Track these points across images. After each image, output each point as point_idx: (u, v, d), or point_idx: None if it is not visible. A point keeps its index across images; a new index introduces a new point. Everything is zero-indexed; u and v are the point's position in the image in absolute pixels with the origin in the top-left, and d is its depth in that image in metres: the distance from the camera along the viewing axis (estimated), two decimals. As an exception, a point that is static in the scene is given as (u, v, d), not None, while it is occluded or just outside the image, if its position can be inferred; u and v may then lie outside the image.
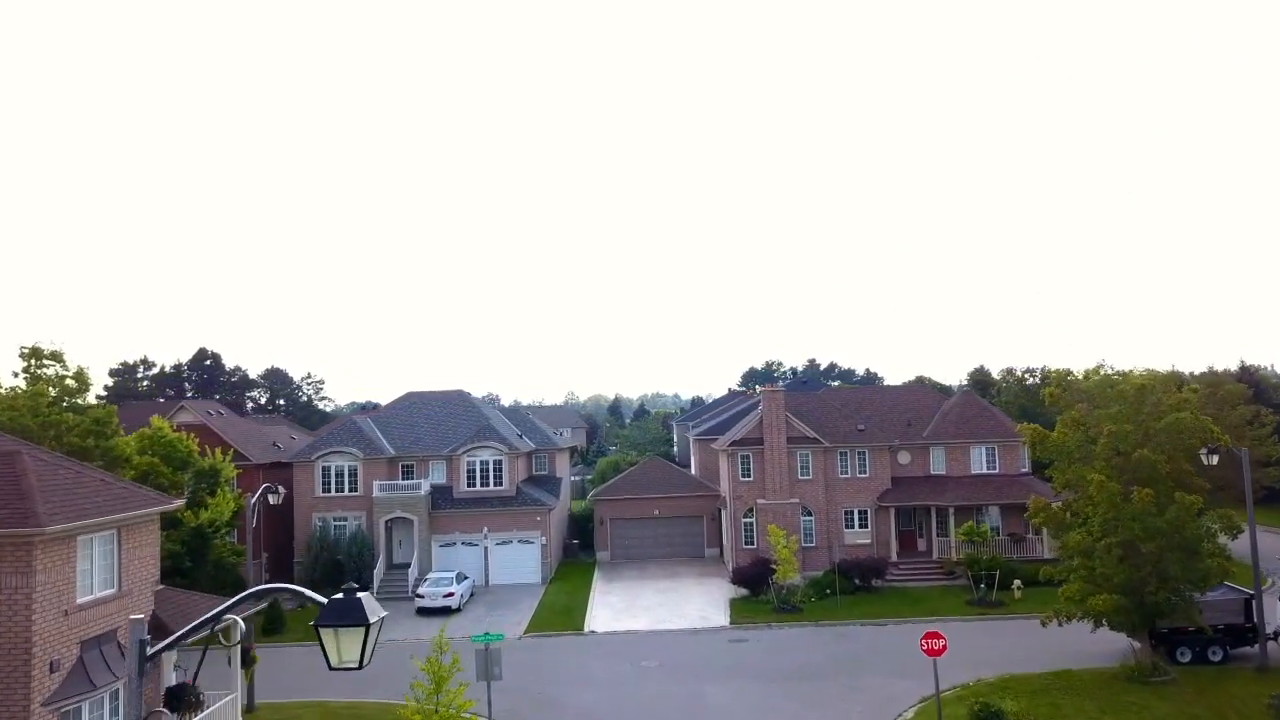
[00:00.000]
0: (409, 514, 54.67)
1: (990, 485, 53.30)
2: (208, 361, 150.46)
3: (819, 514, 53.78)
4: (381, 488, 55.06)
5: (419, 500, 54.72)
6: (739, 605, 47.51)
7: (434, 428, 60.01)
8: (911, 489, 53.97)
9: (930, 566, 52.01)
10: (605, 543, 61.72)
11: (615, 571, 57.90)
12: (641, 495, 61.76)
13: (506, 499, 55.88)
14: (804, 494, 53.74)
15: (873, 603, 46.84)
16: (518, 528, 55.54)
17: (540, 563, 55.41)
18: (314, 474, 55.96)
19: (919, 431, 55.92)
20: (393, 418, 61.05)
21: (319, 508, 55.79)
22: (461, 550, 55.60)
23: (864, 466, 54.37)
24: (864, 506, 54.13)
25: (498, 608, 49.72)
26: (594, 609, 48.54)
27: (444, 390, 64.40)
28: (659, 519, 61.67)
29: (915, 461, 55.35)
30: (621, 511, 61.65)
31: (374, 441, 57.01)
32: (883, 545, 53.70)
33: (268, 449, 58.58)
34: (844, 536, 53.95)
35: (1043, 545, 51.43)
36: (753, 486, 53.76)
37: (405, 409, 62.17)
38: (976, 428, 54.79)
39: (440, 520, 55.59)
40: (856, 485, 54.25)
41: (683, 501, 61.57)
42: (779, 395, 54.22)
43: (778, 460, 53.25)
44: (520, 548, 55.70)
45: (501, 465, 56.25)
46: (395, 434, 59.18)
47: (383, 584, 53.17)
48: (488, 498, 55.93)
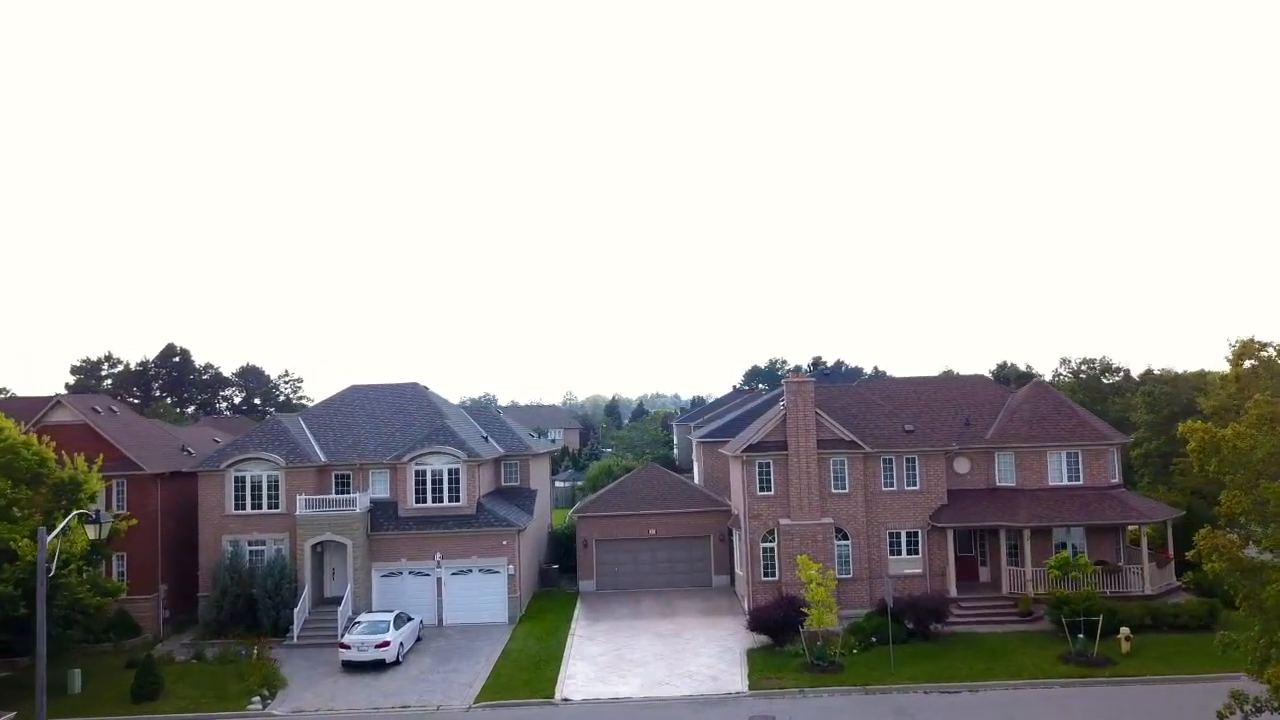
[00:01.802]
0: (342, 536, 43.51)
1: (1073, 500, 42.12)
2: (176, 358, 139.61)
3: (857, 537, 42.64)
4: (308, 503, 43.90)
5: (354, 519, 43.56)
6: (759, 659, 36.40)
7: (378, 429, 48.85)
8: (973, 505, 42.82)
9: (1000, 604, 40.85)
10: (590, 569, 50.54)
11: (602, 607, 46.76)
12: (635, 511, 50.61)
13: (464, 518, 44.72)
14: (839, 512, 42.60)
15: (934, 656, 35.71)
16: (479, 553, 44.40)
17: (506, 597, 44.25)
18: (224, 486, 44.81)
19: (980, 433, 44.77)
20: (328, 417, 49.90)
21: (230, 528, 44.63)
22: (409, 582, 44.45)
23: (913, 477, 43.23)
24: (913, 527, 42.98)
25: (449, 658, 38.63)
26: (571, 662, 37.44)
27: (393, 383, 53.24)
28: (656, 540, 50.50)
29: (976, 470, 44.19)
30: (610, 530, 50.50)
31: (300, 446, 45.82)
32: (937, 575, 42.57)
33: (171, 455, 47.41)
34: (888, 565, 42.80)
35: (1142, 578, 40.34)
36: (774, 502, 42.61)
37: (344, 406, 51.02)
38: (1054, 428, 43.61)
39: (382, 544, 44.45)
40: (904, 501, 43.10)
41: (685, 519, 50.42)
42: (807, 387, 43.04)
43: (806, 469, 42.12)
44: (482, 579, 44.53)
45: (458, 475, 45.07)
46: (330, 436, 48.04)
47: (307, 626, 42.04)
48: (441, 516, 44.78)
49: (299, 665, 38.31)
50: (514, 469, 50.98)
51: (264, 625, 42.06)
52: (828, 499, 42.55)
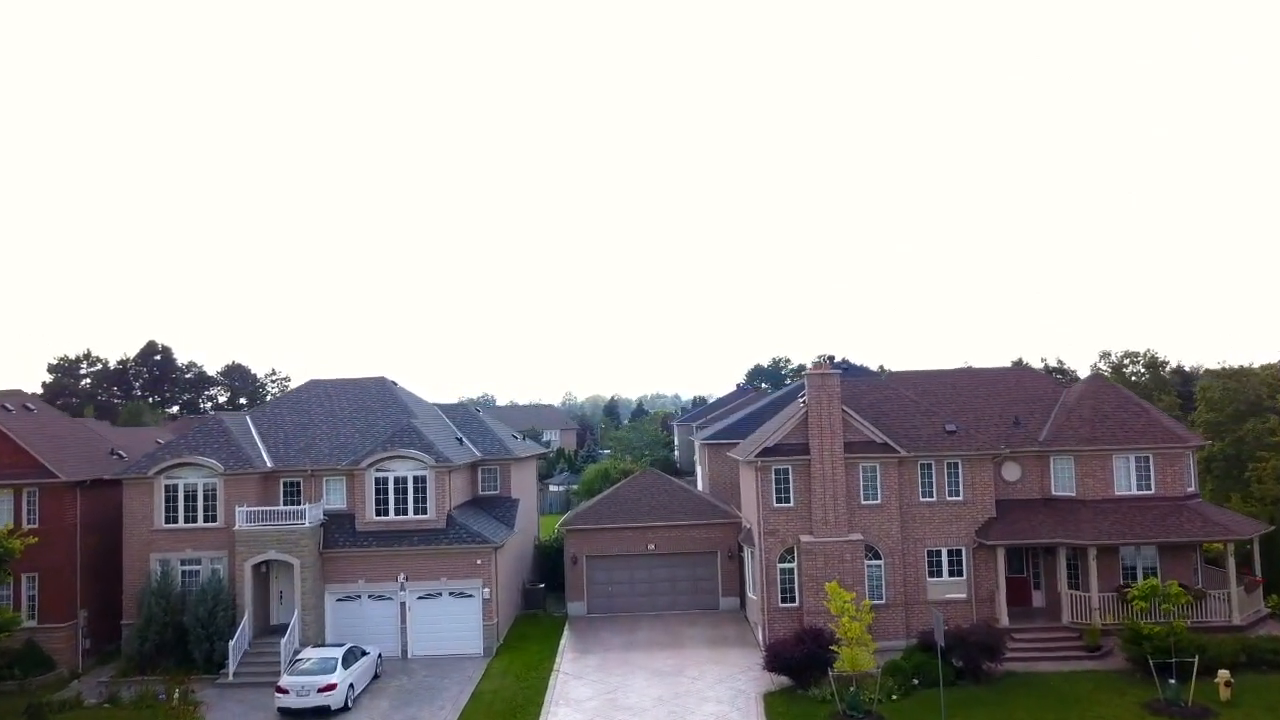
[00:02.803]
0: (288, 554, 37.23)
1: (1145, 513, 35.81)
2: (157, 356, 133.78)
3: (891, 556, 36.37)
4: (249, 516, 37.64)
5: (303, 534, 37.28)
6: (779, 706, 30.14)
7: (336, 429, 42.55)
8: (1026, 518, 36.54)
9: (1062, 637, 34.60)
10: (580, 589, 44.24)
11: (592, 635, 40.49)
12: (631, 523, 44.31)
13: (433, 532, 38.47)
14: (869, 527, 36.34)
15: (991, 703, 29.44)
16: (449, 573, 38.14)
17: (481, 624, 37.99)
18: (153, 496, 38.55)
19: (1032, 434, 38.47)
20: (280, 416, 43.59)
21: (159, 545, 38.37)
22: (368, 607, 38.21)
23: (956, 485, 36.96)
24: (956, 544, 36.71)
25: (410, 701, 32.43)
26: (553, 708, 31.20)
27: (357, 378, 46.93)
28: (655, 557, 44.21)
29: (1028, 477, 37.91)
30: (603, 545, 44.21)
31: (243, 449, 39.50)
32: (984, 601, 36.31)
33: (97, 460, 41.12)
34: (927, 588, 36.55)
35: (1229, 605, 34.15)
36: (794, 516, 36.35)
37: (298, 403, 44.73)
38: (1120, 428, 37.29)
39: (337, 563, 38.19)
40: (945, 513, 36.82)
41: (688, 532, 44.14)
42: (832, 381, 36.77)
43: (831, 477, 35.87)
44: (453, 603, 38.27)
45: (426, 483, 38.80)
46: (280, 438, 41.74)
47: (246, 660, 35.77)
48: (405, 530, 38.53)
49: (231, 710, 32.12)
50: (493, 475, 44.66)
51: (196, 659, 35.92)
52: (856, 512, 36.29)
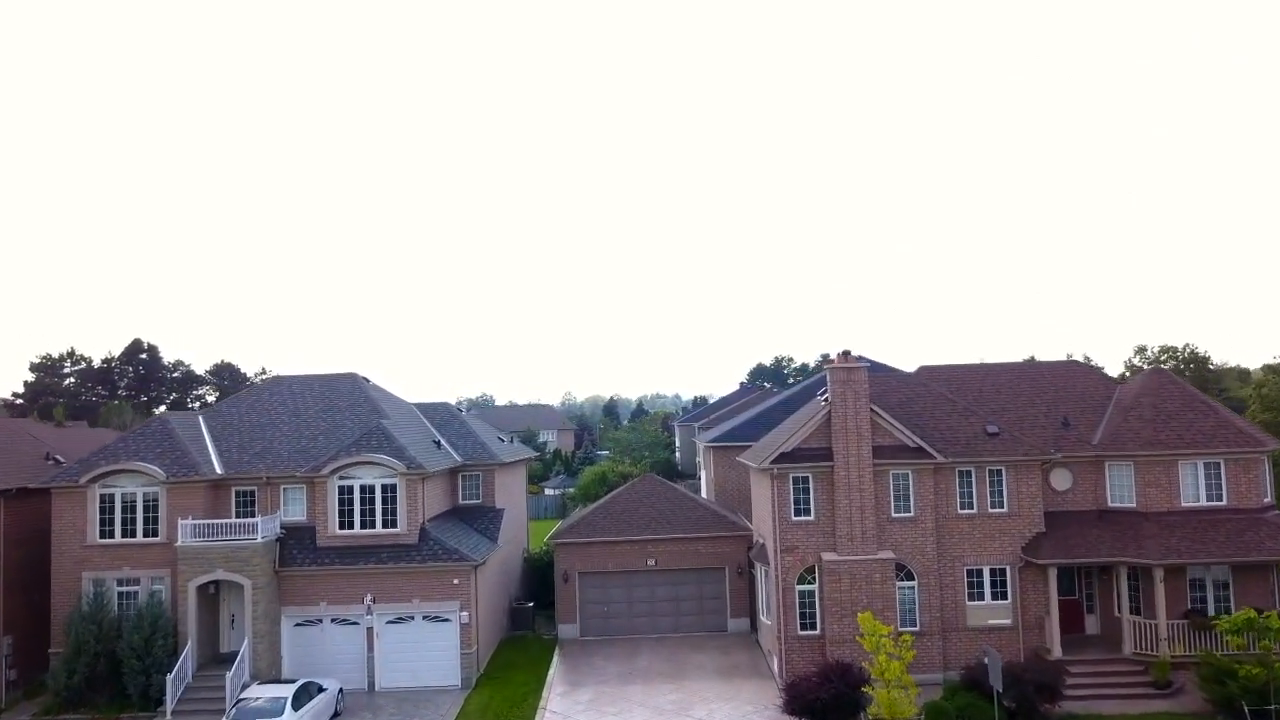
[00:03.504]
0: (238, 574, 32.65)
1: (1216, 528, 31.21)
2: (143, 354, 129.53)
3: (926, 576, 31.81)
4: (194, 530, 33.08)
5: (254, 551, 32.70)
6: (802, 759, 25.61)
7: (298, 431, 37.97)
8: (1080, 533, 31.97)
9: (1125, 671, 30.04)
10: (572, 610, 39.65)
11: (586, 662, 35.92)
12: (629, 536, 39.73)
13: (404, 548, 33.90)
14: (901, 543, 31.78)
15: (1053, 757, 24.90)
16: (422, 595, 33.61)
17: (459, 653, 33.45)
18: (86, 507, 34.00)
19: (1085, 436, 33.90)
20: (236, 416, 38.99)
21: (93, 563, 33.83)
22: (330, 633, 33.70)
23: (999, 495, 32.40)
24: (1000, 563, 32.14)
25: (372, 747, 27.89)
26: (537, 758, 26.66)
27: (325, 374, 42.33)
28: (656, 573, 39.63)
29: (1080, 485, 33.34)
30: (598, 561, 39.64)
31: (188, 454, 34.91)
32: (1032, 628, 31.75)
33: (28, 466, 36.52)
34: (966, 613, 31.99)
35: (1318, 633, 29.54)
36: (815, 530, 31.78)
37: (258, 402, 40.14)
38: (1187, 429, 32.71)
39: (294, 583, 33.66)
40: (988, 527, 32.26)
41: (693, 546, 39.56)
42: (859, 375, 32.22)
43: (858, 486, 31.33)
44: (427, 629, 33.74)
45: (395, 493, 34.24)
46: (234, 441, 37.16)
47: (189, 694, 31.21)
48: (373, 546, 33.97)
49: (163, 758, 27.61)
50: (475, 482, 40.07)
51: (131, 694, 31.42)
52: (887, 526, 31.73)
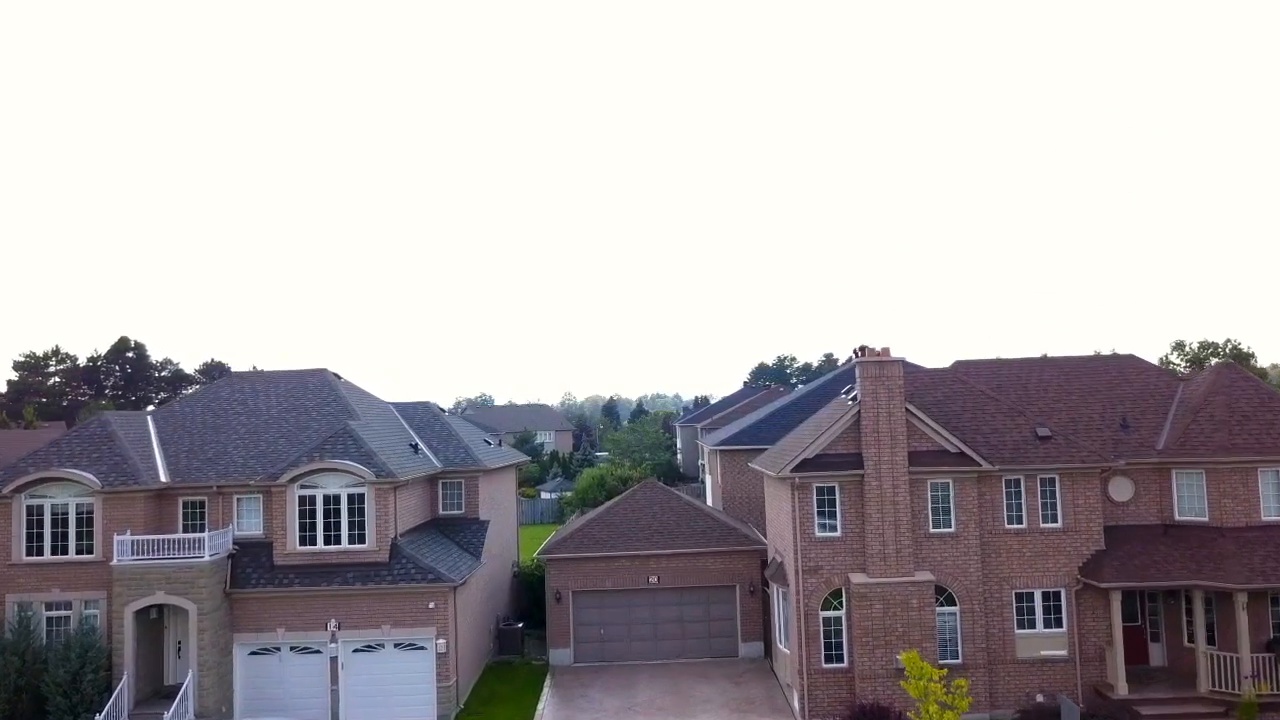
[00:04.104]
0: (182, 597, 28.57)
1: (1302, 545, 27.15)
2: (130, 353, 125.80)
3: (969, 601, 27.70)
4: (132, 547, 29.00)
5: (202, 571, 28.62)
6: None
7: (257, 434, 33.88)
8: (1145, 551, 27.87)
9: (1202, 711, 25.96)
10: (565, 633, 35.54)
11: (581, 693, 31.80)
12: (628, 550, 35.62)
13: (372, 567, 29.83)
14: (941, 563, 27.69)
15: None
16: (394, 620, 29.55)
17: (435, 685, 29.36)
18: (10, 520, 29.92)
19: (1147, 439, 29.80)
20: (190, 416, 34.90)
21: (19, 583, 29.75)
22: (289, 664, 29.65)
23: (1052, 508, 28.31)
24: (1054, 585, 28.04)
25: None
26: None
27: (292, 370, 38.24)
28: (659, 592, 35.55)
29: (1143, 496, 29.24)
30: (594, 578, 35.55)
31: (128, 460, 30.81)
32: (1092, 661, 27.66)
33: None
34: (1015, 644, 27.90)
35: None
36: (842, 549, 27.69)
37: (215, 401, 36.04)
38: (1266, 432, 28.55)
39: (248, 607, 29.61)
40: (1040, 544, 28.15)
41: (700, 562, 35.47)
42: (894, 371, 28.08)
43: (892, 498, 27.25)
44: (399, 658, 29.68)
45: (364, 504, 30.16)
46: (185, 445, 33.08)
47: (124, 736, 27.19)
48: (338, 565, 29.89)
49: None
50: (457, 491, 35.97)
51: (58, 735, 27.39)
52: (924, 543, 27.65)
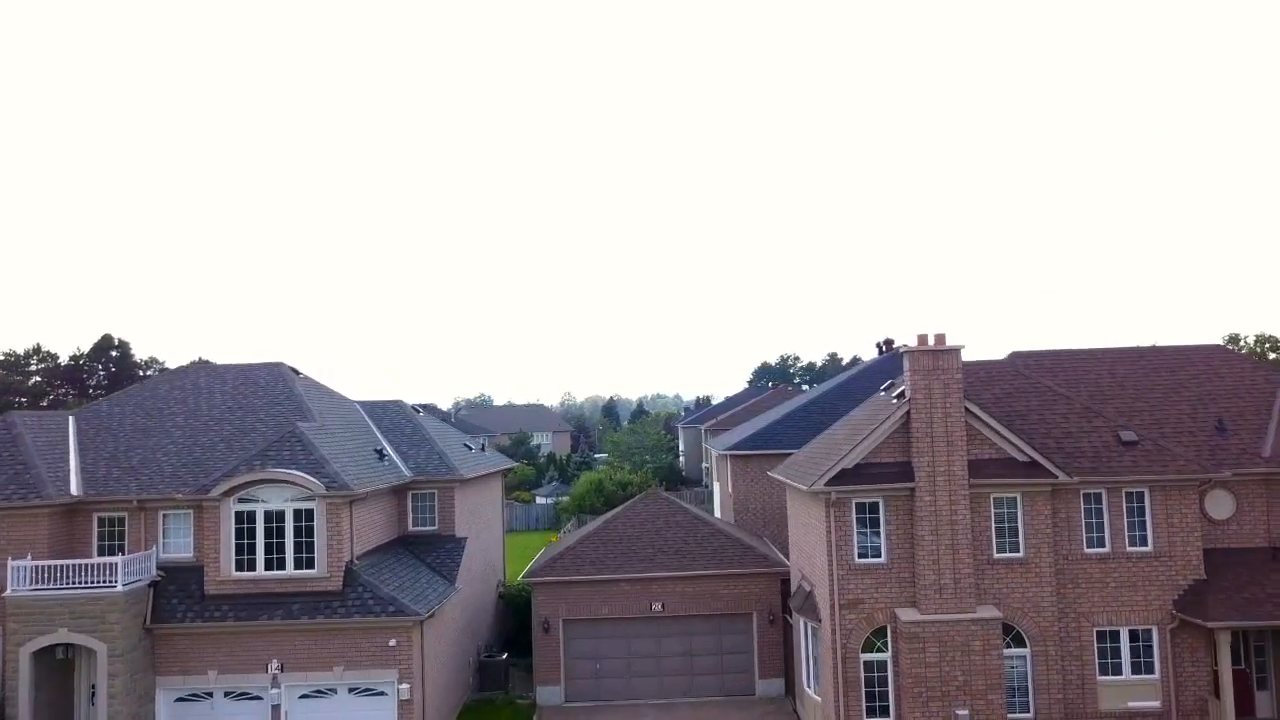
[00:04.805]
0: (90, 635, 23.70)
1: None
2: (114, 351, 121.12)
3: (1043, 642, 22.81)
4: (30, 574, 24.11)
5: (114, 604, 23.75)
6: None
7: (193, 438, 28.94)
8: (1255, 582, 22.95)
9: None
10: (555, 667, 30.60)
11: (570, 745, 26.96)
12: (628, 572, 30.72)
13: (323, 598, 24.94)
14: (1007, 595, 22.80)
15: None
16: (348, 660, 24.70)
17: (397, 738, 24.54)
18: (-111, 542, 25.05)
19: (1249, 445, 24.88)
20: (120, 417, 29.95)
21: (-103, 618, 24.89)
22: (224, 711, 24.84)
23: (1139, 528, 23.41)
24: (1143, 622, 23.15)
25: None
26: None
27: (244, 363, 33.33)
28: (663, 621, 30.66)
29: (1245, 514, 24.33)
30: (588, 605, 30.65)
31: (32, 468, 25.85)
32: (1191, 714, 22.77)
33: None
34: (1098, 694, 23.01)
35: None
36: (887, 577, 22.80)
37: (150, 399, 31.11)
38: (1397, 438, 23.74)
39: (174, 645, 24.77)
40: (1127, 572, 23.26)
41: (712, 586, 30.57)
42: (951, 362, 23.06)
43: (949, 517, 22.37)
44: (354, 705, 24.83)
45: (313, 521, 25.28)
46: (108, 450, 28.16)
47: (16, 805, 22.31)
48: (282, 594, 25.00)
49: None
50: (429, 504, 31.04)
51: (-65, 805, 22.56)
52: (987, 571, 22.78)
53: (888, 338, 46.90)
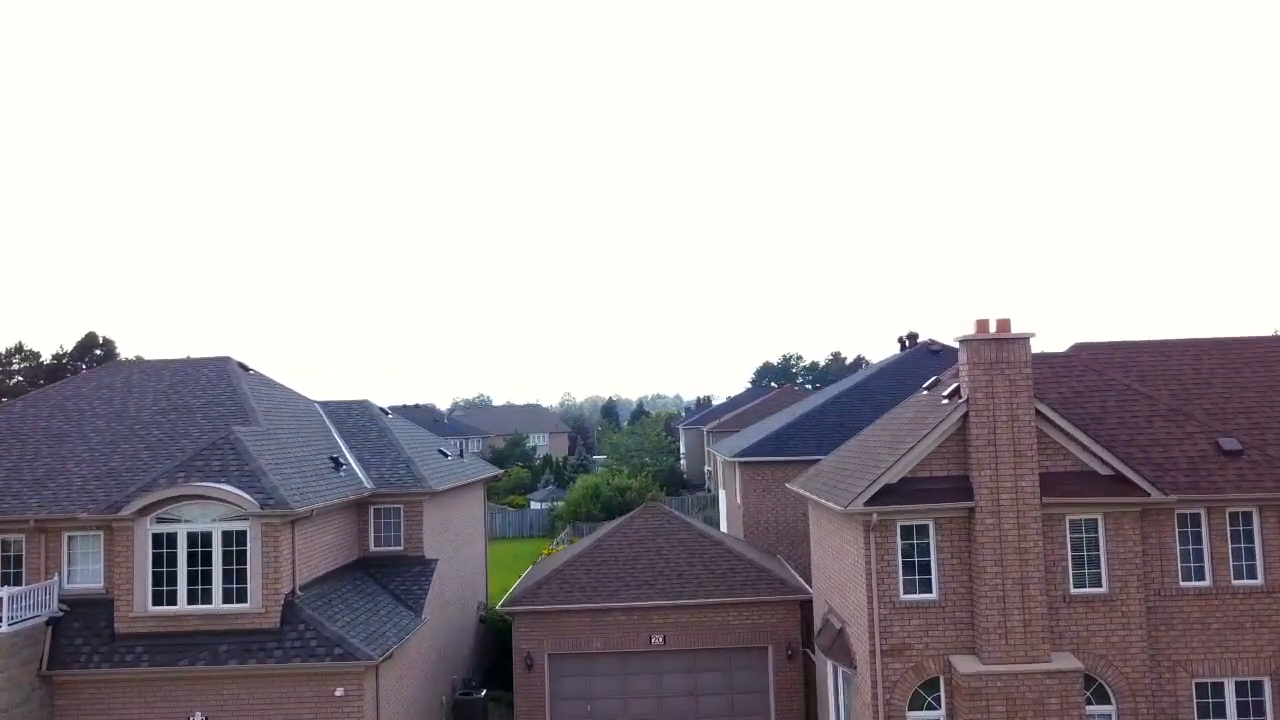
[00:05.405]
0: (-27, 685, 19.56)
1: None
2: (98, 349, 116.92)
3: (1130, 697, 18.60)
4: (-98, 611, 19.97)
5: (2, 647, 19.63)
6: None
7: (114, 445, 24.73)
8: (1386, 622, 18.83)
9: None
10: (539, 709, 26.35)
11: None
12: (624, 600, 26.53)
13: (255, 638, 20.75)
14: (1087, 640, 18.60)
15: None
16: (286, 712, 20.51)
17: (346, 808, 20.35)
18: None
19: (1370, 456, 20.71)
20: (28, 421, 25.74)
21: None
22: (137, 774, 20.64)
23: (1248, 558, 19.25)
24: (1252, 673, 18.90)
25: None
26: None
27: (184, 358, 29.17)
28: (665, 655, 26.47)
29: (1368, 539, 20.18)
30: (577, 638, 26.45)
31: (-90, 482, 21.81)
32: (1308, 784, 18.65)
33: None
34: (1196, 758, 18.86)
35: None
36: (939, 618, 18.63)
37: (69, 400, 26.89)
38: None
39: (79, 696, 20.57)
40: (1231, 611, 19.07)
41: (721, 615, 26.38)
42: (1018, 354, 18.73)
43: (1018, 544, 18.18)
44: (293, 767, 20.66)
45: (245, 545, 21.09)
46: (7, 460, 23.97)
47: None
48: (207, 635, 20.80)
49: None
50: (393, 520, 26.85)
51: None
52: (1062, 610, 18.60)
53: (911, 331, 42.80)
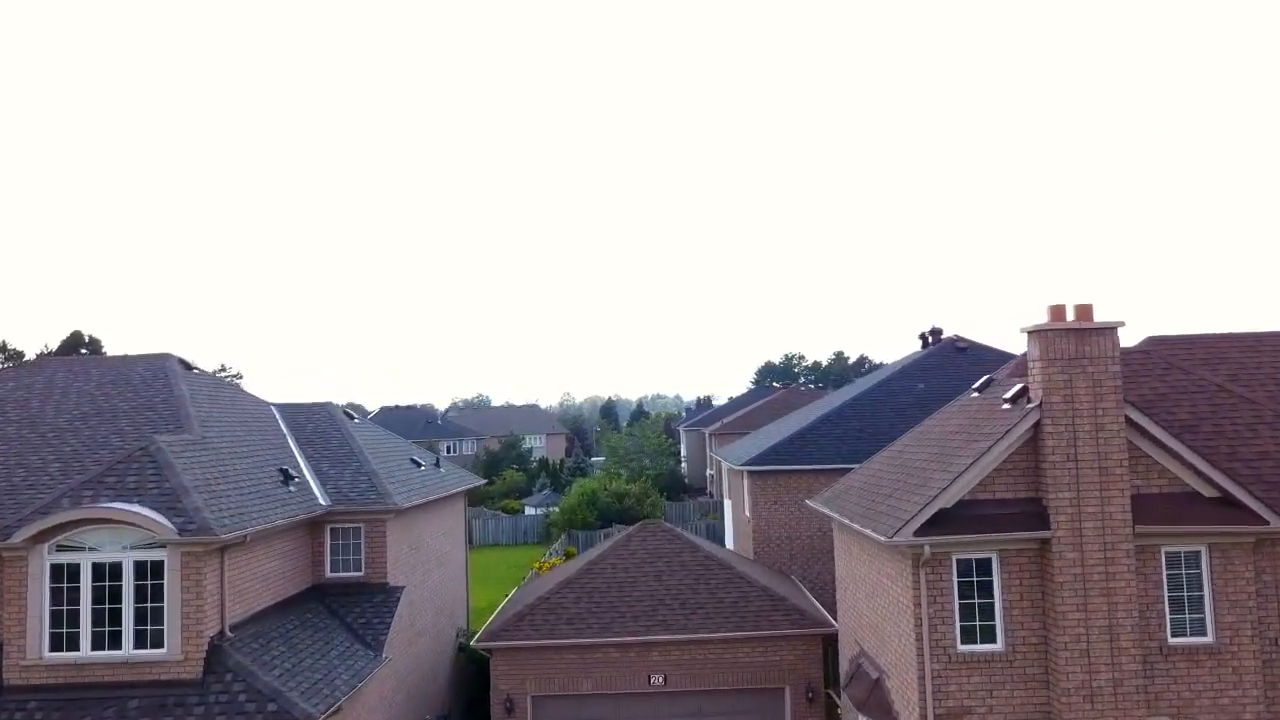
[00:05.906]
0: None
1: None
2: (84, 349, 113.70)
3: (1241, 772, 15.16)
4: None
5: None
6: None
7: (22, 456, 21.07)
8: None
9: None
10: (521, 761, 22.91)
11: None
12: (618, 634, 22.99)
13: (173, 691, 17.17)
14: (1189, 701, 15.06)
15: None
16: (212, 781, 16.96)
17: None
18: None
19: None
20: (-74, 426, 22.30)
21: None
22: None
23: (1381, 597, 15.74)
24: (1388, 739, 15.50)
25: None
26: None
27: (120, 355, 25.75)
28: (665, 697, 22.91)
29: None
30: (563, 677, 22.91)
31: None
32: None
33: None
34: (1320, 846, 15.35)
35: None
36: (1006, 674, 15.09)
37: None
38: None
39: (-42, 760, 17.06)
40: (1364, 665, 15.61)
41: (730, 652, 22.82)
42: (1105, 346, 15.21)
43: (1104, 582, 14.65)
44: (219, 846, 17.11)
45: (161, 578, 17.56)
46: (-104, 474, 20.50)
47: None
48: (115, 687, 17.21)
49: None
50: (353, 542, 23.30)
51: None
52: (1159, 664, 15.06)
53: (934, 327, 39.22)
